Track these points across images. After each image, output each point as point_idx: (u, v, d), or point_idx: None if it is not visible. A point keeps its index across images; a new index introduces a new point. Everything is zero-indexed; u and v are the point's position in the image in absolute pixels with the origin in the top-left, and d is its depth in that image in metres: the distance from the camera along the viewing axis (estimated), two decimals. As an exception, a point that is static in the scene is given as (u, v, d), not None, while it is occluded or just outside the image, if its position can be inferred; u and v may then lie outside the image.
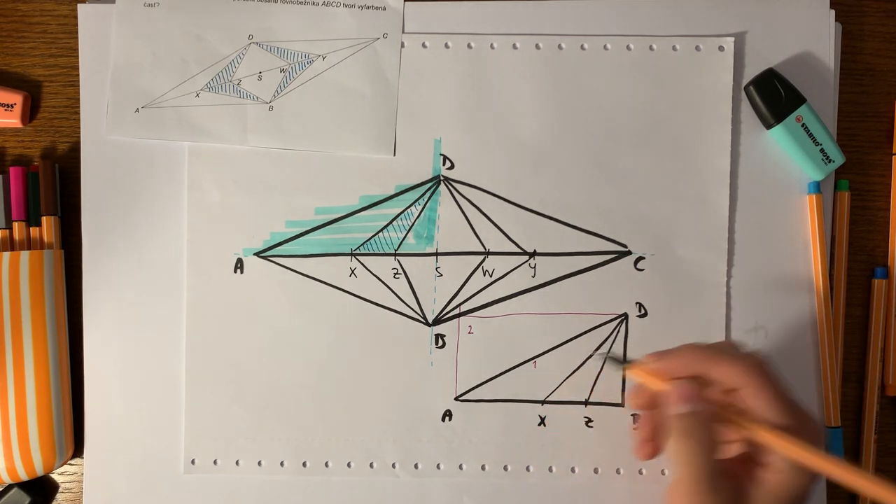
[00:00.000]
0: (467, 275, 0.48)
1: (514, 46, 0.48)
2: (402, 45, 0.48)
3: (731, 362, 0.37)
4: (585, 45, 0.48)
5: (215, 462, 0.48)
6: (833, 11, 0.47)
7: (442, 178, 0.48)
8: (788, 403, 0.37)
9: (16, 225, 0.48)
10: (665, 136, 0.47)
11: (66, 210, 0.49)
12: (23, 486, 0.47)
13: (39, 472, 0.47)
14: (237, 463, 0.48)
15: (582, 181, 0.48)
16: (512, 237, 0.48)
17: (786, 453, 0.36)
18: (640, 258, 0.48)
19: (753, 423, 0.37)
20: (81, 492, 0.48)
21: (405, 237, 0.48)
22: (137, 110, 0.48)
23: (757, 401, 0.37)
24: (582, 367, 0.47)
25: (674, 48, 0.48)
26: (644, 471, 0.47)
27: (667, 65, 0.47)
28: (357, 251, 0.48)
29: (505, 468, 0.47)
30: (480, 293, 0.48)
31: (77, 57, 0.49)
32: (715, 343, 0.40)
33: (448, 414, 0.48)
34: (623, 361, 0.42)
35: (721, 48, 0.47)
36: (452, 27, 0.48)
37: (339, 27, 0.48)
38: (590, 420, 0.47)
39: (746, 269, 0.47)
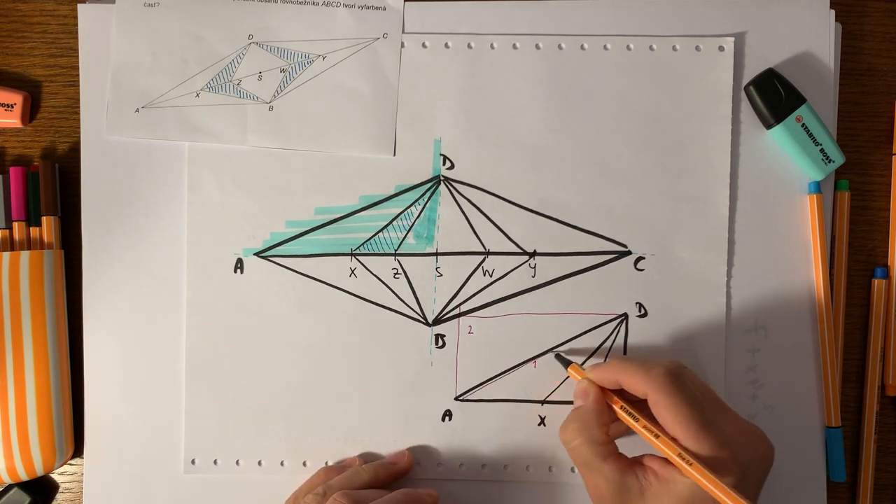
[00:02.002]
0: (467, 275, 0.48)
1: (514, 46, 0.48)
2: (402, 45, 0.48)
3: (637, 374, 0.40)
4: (585, 45, 0.48)
5: (215, 462, 0.48)
6: (833, 11, 0.47)
7: (442, 178, 0.48)
8: (686, 417, 0.38)
9: (16, 225, 0.48)
10: (665, 137, 0.47)
11: (66, 210, 0.49)
12: (23, 486, 0.48)
13: (39, 472, 0.47)
14: (237, 463, 0.48)
15: (582, 181, 0.48)
16: (512, 237, 0.48)
17: (672, 460, 0.38)
18: (640, 258, 0.48)
19: (635, 418, 0.40)
20: (81, 492, 0.48)
21: (405, 237, 0.48)
22: (137, 110, 0.48)
23: (657, 411, 0.39)
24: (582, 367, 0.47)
25: (674, 48, 0.48)
26: (644, 471, 0.47)
27: (667, 65, 0.47)
28: (357, 251, 0.48)
29: (505, 468, 0.47)
30: (480, 293, 0.48)
31: (77, 57, 0.49)
32: (642, 358, 0.42)
33: (448, 414, 0.48)
34: (565, 363, 0.46)
35: (721, 48, 0.47)
36: (452, 27, 0.48)
37: (339, 27, 0.48)
38: (590, 420, 0.47)
39: (746, 269, 0.47)
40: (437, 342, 0.48)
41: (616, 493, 0.38)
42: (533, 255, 0.48)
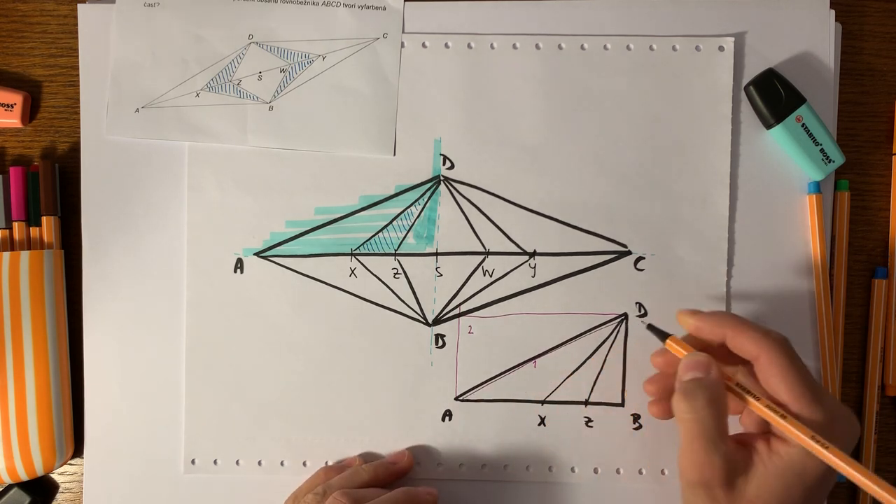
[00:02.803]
0: (467, 275, 0.48)
1: (514, 46, 0.48)
2: (402, 45, 0.48)
3: (752, 334, 0.39)
4: (585, 45, 0.48)
5: (215, 462, 0.48)
6: (833, 11, 0.47)
7: (442, 178, 0.48)
8: (801, 385, 0.37)
9: (16, 225, 0.48)
10: (665, 136, 0.47)
11: (66, 210, 0.49)
12: (23, 486, 0.48)
13: (39, 472, 0.47)
14: (237, 463, 0.48)
15: (582, 181, 0.48)
16: (512, 237, 0.48)
17: (783, 431, 0.37)
18: (640, 258, 0.48)
19: (755, 396, 0.38)
20: (81, 492, 0.48)
21: (405, 237, 0.48)
22: (137, 110, 0.48)
23: (768, 376, 0.38)
24: (582, 367, 0.47)
25: (674, 48, 0.48)
26: (644, 471, 0.47)
27: (667, 65, 0.47)
28: (357, 251, 0.48)
29: (505, 468, 0.47)
30: (480, 293, 0.48)
31: (77, 57, 0.49)
32: (751, 322, 0.41)
33: (448, 414, 0.48)
34: (663, 334, 0.43)
35: (721, 48, 0.47)
36: (452, 27, 0.48)
37: (339, 27, 0.48)
38: (590, 420, 0.47)
39: (746, 269, 0.47)
40: (437, 342, 0.48)
41: (727, 472, 0.37)
42: (533, 255, 0.48)
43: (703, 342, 0.41)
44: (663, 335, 0.43)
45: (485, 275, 0.48)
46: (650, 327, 0.44)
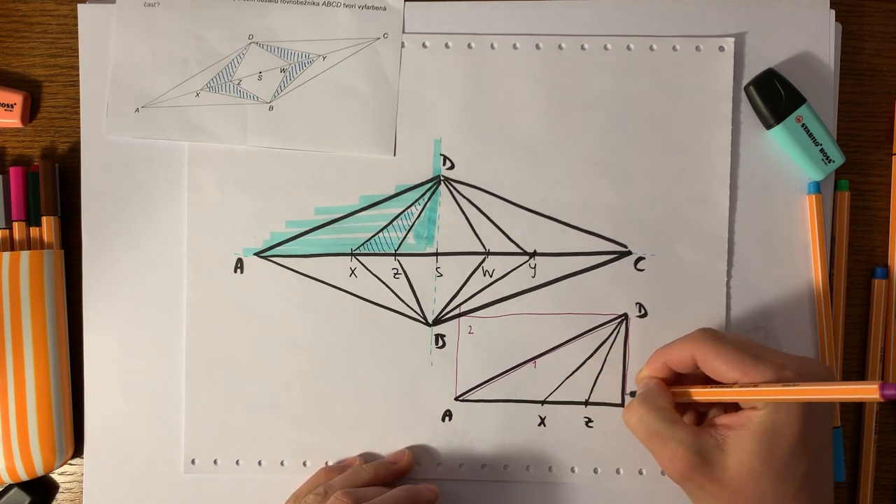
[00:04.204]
0: (467, 275, 0.48)
1: (514, 46, 0.48)
2: (403, 45, 0.48)
3: (677, 346, 0.42)
4: (585, 45, 0.48)
5: (215, 462, 0.48)
6: (833, 11, 0.47)
7: (442, 178, 0.48)
8: (735, 356, 0.39)
9: (16, 225, 0.48)
10: (665, 136, 0.47)
11: (66, 210, 0.49)
12: (23, 486, 0.48)
13: (39, 472, 0.47)
14: (237, 463, 0.48)
15: (582, 181, 0.48)
16: (512, 237, 0.48)
17: (735, 399, 0.39)
18: (640, 258, 0.48)
19: (691, 388, 0.41)
20: (81, 492, 0.48)
21: (405, 237, 0.48)
22: (137, 110, 0.48)
23: (709, 367, 0.40)
24: (582, 367, 0.47)
25: (674, 48, 0.48)
26: (644, 471, 0.47)
27: (667, 65, 0.47)
28: (357, 251, 0.48)
29: (505, 468, 0.47)
30: (480, 293, 0.48)
31: (77, 57, 0.49)
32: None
33: (448, 414, 0.48)
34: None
35: (721, 48, 0.47)
36: (452, 27, 0.48)
37: (340, 27, 0.48)
38: (590, 420, 0.47)
39: (746, 269, 0.47)
40: (437, 342, 0.48)
41: (695, 455, 0.38)
42: (533, 255, 0.48)
43: (675, 379, 0.43)
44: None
45: (485, 275, 0.48)
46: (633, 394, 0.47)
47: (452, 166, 0.48)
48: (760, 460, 0.37)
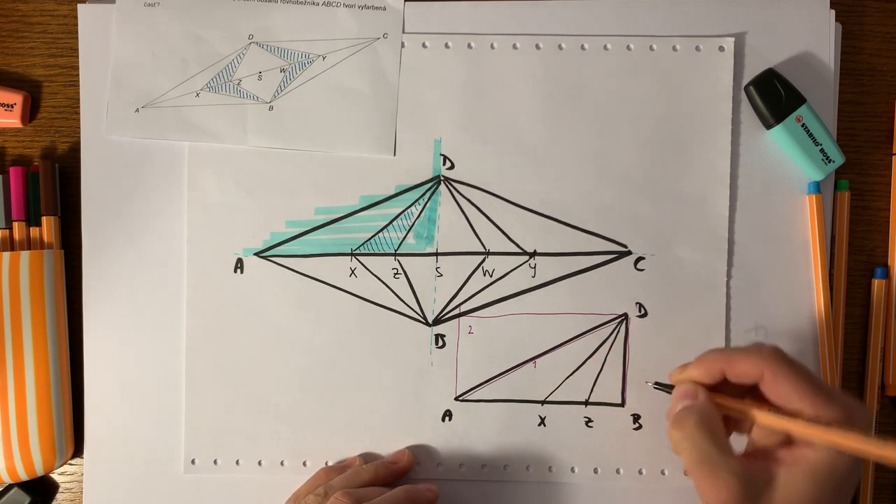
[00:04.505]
0: (467, 275, 0.48)
1: (514, 46, 0.48)
2: (402, 45, 0.48)
3: (745, 357, 0.38)
4: (585, 45, 0.48)
5: (215, 462, 0.48)
6: (833, 11, 0.47)
7: (442, 178, 0.48)
8: (810, 388, 0.37)
9: (16, 225, 0.48)
10: (665, 136, 0.47)
11: (66, 210, 0.49)
12: (23, 486, 0.48)
13: (39, 472, 0.47)
14: (237, 463, 0.48)
15: (582, 181, 0.48)
16: (512, 237, 0.48)
17: (802, 434, 0.36)
18: (640, 258, 0.48)
19: (754, 409, 0.38)
20: (81, 492, 0.48)
21: (405, 237, 0.48)
22: (137, 110, 0.48)
23: (776, 388, 0.37)
24: (582, 367, 0.47)
25: (674, 48, 0.48)
26: (644, 471, 0.47)
27: (667, 65, 0.47)
28: (357, 251, 0.48)
29: (505, 468, 0.47)
30: (480, 293, 0.48)
31: (77, 57, 0.49)
32: (737, 346, 0.42)
33: (448, 414, 0.48)
34: (665, 387, 0.44)
35: (721, 48, 0.47)
36: (452, 27, 0.48)
37: (340, 27, 0.48)
38: (590, 420, 0.47)
39: (746, 269, 0.47)
40: (437, 342, 0.48)
41: (745, 488, 0.36)
42: (533, 255, 0.48)
43: (708, 386, 0.41)
44: (668, 388, 0.43)
45: (485, 275, 0.48)
46: (657, 385, 0.45)
47: (452, 166, 0.48)
48: (808, 501, 0.36)
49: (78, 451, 0.48)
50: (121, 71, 0.48)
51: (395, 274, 0.48)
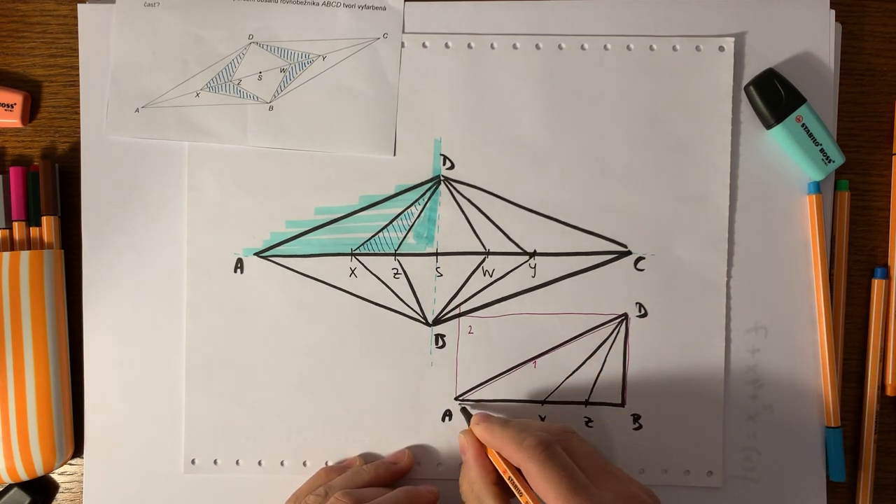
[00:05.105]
0: (467, 275, 0.48)
1: (514, 46, 0.48)
2: (402, 45, 0.48)
3: (512, 445, 0.39)
4: (585, 45, 0.48)
5: (215, 462, 0.48)
6: (833, 11, 0.47)
7: (442, 178, 0.48)
8: (566, 489, 0.36)
9: (16, 225, 0.48)
10: (665, 136, 0.47)
11: (66, 210, 0.49)
12: (23, 486, 0.48)
13: (39, 472, 0.47)
14: (237, 463, 0.48)
15: (582, 181, 0.48)
16: (512, 237, 0.48)
17: None
18: (640, 258, 0.48)
19: (525, 489, 0.39)
20: (81, 492, 0.48)
21: (405, 237, 0.48)
22: (137, 110, 0.48)
23: (534, 483, 0.38)
24: (582, 367, 0.47)
25: (674, 48, 0.48)
26: (644, 471, 0.47)
27: (667, 65, 0.47)
28: (357, 251, 0.48)
29: (505, 468, 0.47)
30: (480, 293, 0.48)
31: (77, 57, 0.49)
32: (523, 423, 0.42)
33: (448, 414, 0.48)
34: (468, 418, 0.45)
35: (721, 48, 0.47)
36: (452, 27, 0.48)
37: (340, 27, 0.48)
38: (590, 420, 0.47)
39: (746, 269, 0.47)
40: (437, 342, 0.48)
41: None
42: (533, 255, 0.48)
43: None
44: (468, 416, 0.45)
45: (485, 275, 0.48)
46: (463, 410, 0.47)
47: (452, 166, 0.48)
48: None
49: (78, 451, 0.48)
50: (121, 71, 0.48)
51: (395, 274, 0.48)
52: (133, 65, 0.48)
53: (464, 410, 0.47)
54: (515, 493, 0.40)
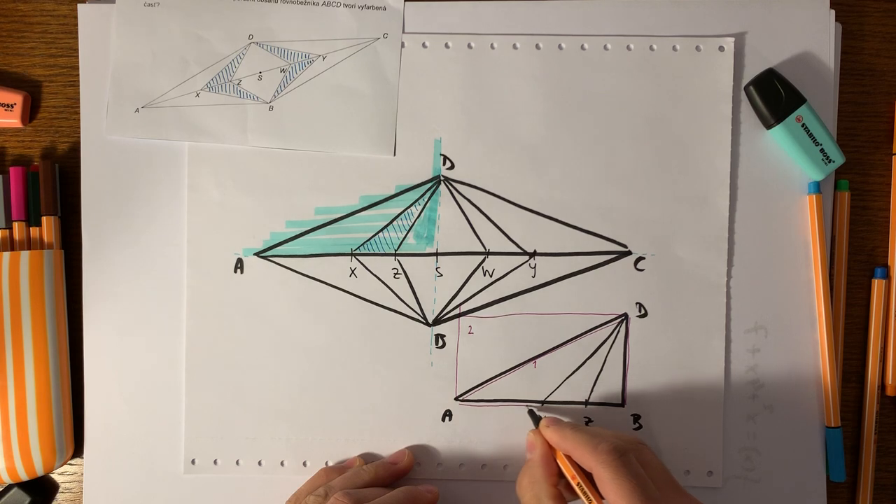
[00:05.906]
0: (467, 275, 0.48)
1: (514, 46, 0.48)
2: (402, 45, 0.48)
3: (586, 449, 0.40)
4: (585, 45, 0.48)
5: (215, 462, 0.48)
6: (833, 11, 0.47)
7: (442, 178, 0.48)
8: (628, 493, 0.37)
9: (16, 225, 0.48)
10: (665, 137, 0.47)
11: (66, 210, 0.49)
12: (23, 486, 0.48)
13: (39, 472, 0.47)
14: (237, 463, 0.48)
15: (582, 181, 0.48)
16: (512, 237, 0.48)
17: None
18: (640, 258, 0.48)
19: (593, 494, 0.39)
20: (81, 492, 0.48)
21: (405, 237, 0.48)
22: (137, 110, 0.48)
23: (604, 490, 0.38)
24: (582, 367, 0.47)
25: (674, 48, 0.48)
26: (644, 471, 0.47)
27: (667, 65, 0.47)
28: (357, 251, 0.48)
29: (505, 468, 0.47)
30: (480, 293, 0.48)
31: (77, 57, 0.49)
32: (595, 430, 0.42)
33: (448, 414, 0.48)
34: (535, 420, 0.45)
35: (721, 48, 0.47)
36: (452, 27, 0.48)
37: (340, 27, 0.48)
38: (590, 420, 0.47)
39: (746, 269, 0.47)
40: (437, 342, 0.48)
41: None
42: (533, 255, 0.48)
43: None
44: (537, 420, 0.45)
45: (485, 275, 0.48)
46: (530, 413, 0.46)
47: (452, 166, 0.48)
48: None
49: (78, 451, 0.48)
50: (121, 71, 0.48)
51: (395, 274, 0.48)
52: (133, 65, 0.48)
53: (531, 412, 0.46)
54: (584, 499, 0.40)
